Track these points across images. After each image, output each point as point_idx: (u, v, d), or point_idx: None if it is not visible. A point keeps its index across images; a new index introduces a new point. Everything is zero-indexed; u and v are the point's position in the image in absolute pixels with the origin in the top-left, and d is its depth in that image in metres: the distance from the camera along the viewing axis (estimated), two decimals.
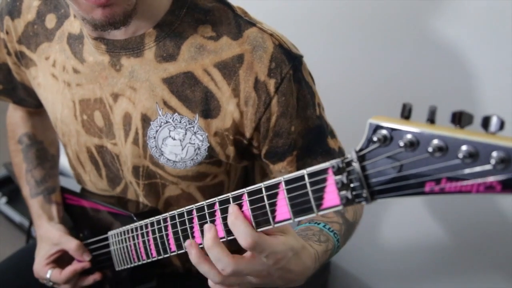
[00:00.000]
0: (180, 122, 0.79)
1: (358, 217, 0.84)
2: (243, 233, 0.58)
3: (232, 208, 0.61)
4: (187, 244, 0.64)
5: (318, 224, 0.75)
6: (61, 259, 0.96)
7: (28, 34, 0.89)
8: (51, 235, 0.95)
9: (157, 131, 0.81)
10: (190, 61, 0.77)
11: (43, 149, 1.07)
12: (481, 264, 1.21)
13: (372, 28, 1.20)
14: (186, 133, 0.79)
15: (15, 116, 1.09)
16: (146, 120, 0.81)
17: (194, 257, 0.63)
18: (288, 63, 0.76)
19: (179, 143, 0.80)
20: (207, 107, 0.78)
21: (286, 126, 0.78)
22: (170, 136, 0.80)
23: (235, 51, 0.76)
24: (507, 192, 0.39)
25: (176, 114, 0.79)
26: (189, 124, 0.79)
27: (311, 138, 0.81)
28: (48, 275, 0.94)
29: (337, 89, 1.24)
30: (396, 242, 1.37)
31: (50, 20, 0.87)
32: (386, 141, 0.46)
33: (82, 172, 0.98)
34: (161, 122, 0.80)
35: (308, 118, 0.80)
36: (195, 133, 0.79)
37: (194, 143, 0.80)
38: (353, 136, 0.72)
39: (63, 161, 1.09)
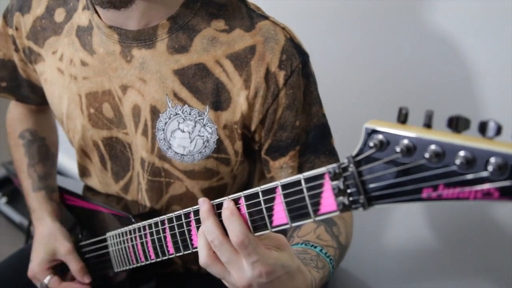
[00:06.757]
0: (189, 114, 0.79)
1: (350, 239, 0.82)
2: (236, 229, 0.56)
3: (228, 203, 0.59)
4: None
5: (315, 247, 0.72)
6: (60, 266, 0.95)
7: (36, 29, 0.89)
8: (59, 246, 0.93)
9: (166, 123, 0.81)
10: (202, 52, 0.78)
11: (44, 145, 1.05)
12: (481, 265, 1.20)
13: (370, 26, 1.18)
14: (195, 126, 0.80)
15: (17, 112, 1.08)
16: (155, 112, 0.81)
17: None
18: (298, 57, 0.77)
19: (187, 136, 0.80)
20: (217, 99, 0.78)
21: (291, 120, 0.79)
22: (179, 129, 0.80)
23: (247, 42, 0.77)
24: (505, 199, 0.39)
25: (186, 106, 0.79)
26: (199, 116, 0.79)
27: (315, 135, 0.81)
28: (46, 280, 0.93)
29: (332, 88, 1.23)
30: (397, 242, 1.36)
31: (59, 14, 0.87)
32: (382, 146, 0.45)
33: (88, 164, 0.98)
34: (171, 114, 0.80)
35: (314, 115, 0.81)
36: (204, 125, 0.79)
37: (203, 136, 0.80)
38: (349, 138, 0.72)
39: (63, 160, 1.08)
